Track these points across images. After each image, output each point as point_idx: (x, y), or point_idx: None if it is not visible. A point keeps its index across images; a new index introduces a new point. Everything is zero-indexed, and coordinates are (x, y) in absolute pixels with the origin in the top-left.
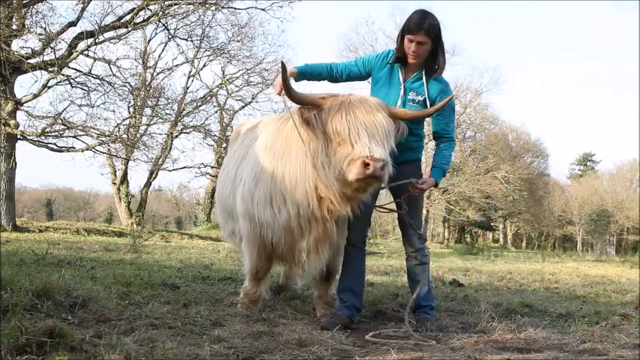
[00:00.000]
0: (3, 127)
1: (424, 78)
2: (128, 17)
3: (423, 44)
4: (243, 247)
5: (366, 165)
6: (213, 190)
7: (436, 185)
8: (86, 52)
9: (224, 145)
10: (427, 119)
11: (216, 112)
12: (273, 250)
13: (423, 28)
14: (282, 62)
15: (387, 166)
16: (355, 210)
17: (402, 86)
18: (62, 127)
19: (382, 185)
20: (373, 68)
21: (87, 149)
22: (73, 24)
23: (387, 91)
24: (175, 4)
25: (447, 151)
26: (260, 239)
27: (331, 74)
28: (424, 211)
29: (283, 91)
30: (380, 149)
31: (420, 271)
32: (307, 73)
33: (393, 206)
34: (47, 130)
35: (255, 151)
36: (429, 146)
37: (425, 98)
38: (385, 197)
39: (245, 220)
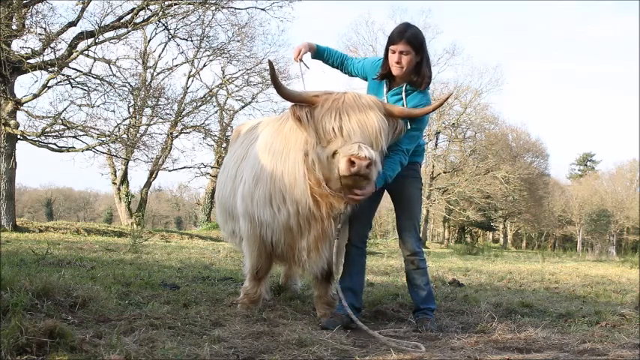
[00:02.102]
0: (3, 127)
1: (404, 92)
2: (128, 17)
3: (405, 54)
4: (244, 246)
5: (351, 163)
6: (213, 190)
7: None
8: (86, 52)
9: (224, 145)
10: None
11: (216, 112)
12: (273, 249)
13: (405, 37)
14: (269, 61)
15: (373, 165)
16: (351, 207)
17: (384, 98)
18: (62, 127)
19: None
20: (368, 75)
21: (87, 149)
22: (73, 24)
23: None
24: (175, 4)
25: (395, 159)
26: (260, 239)
27: (343, 64)
28: (424, 211)
29: (300, 56)
30: (367, 148)
31: (419, 275)
32: (325, 54)
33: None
34: (47, 130)
35: (255, 151)
36: (429, 146)
37: None
38: (385, 197)
39: (245, 220)
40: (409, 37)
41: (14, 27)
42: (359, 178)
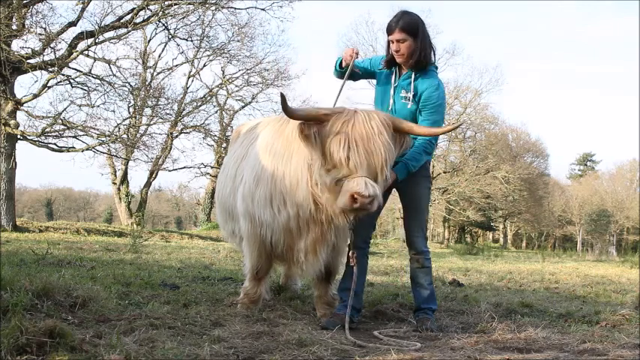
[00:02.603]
0: (3, 127)
1: (413, 76)
2: (128, 17)
3: (402, 41)
4: (244, 247)
5: (354, 199)
6: (213, 190)
7: (396, 181)
8: (86, 52)
9: (224, 145)
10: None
11: (216, 112)
12: (273, 249)
13: (399, 25)
14: (281, 94)
15: (376, 199)
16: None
17: (392, 86)
18: (62, 127)
19: None
20: (376, 68)
21: (87, 149)
22: (73, 24)
23: (384, 90)
24: (175, 4)
25: (420, 148)
26: (260, 239)
27: (354, 75)
28: None
29: (354, 57)
30: (372, 185)
31: (423, 274)
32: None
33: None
34: (47, 130)
35: (256, 151)
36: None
37: (411, 95)
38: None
39: (245, 220)
40: (403, 24)
41: (14, 27)
42: (359, 211)
